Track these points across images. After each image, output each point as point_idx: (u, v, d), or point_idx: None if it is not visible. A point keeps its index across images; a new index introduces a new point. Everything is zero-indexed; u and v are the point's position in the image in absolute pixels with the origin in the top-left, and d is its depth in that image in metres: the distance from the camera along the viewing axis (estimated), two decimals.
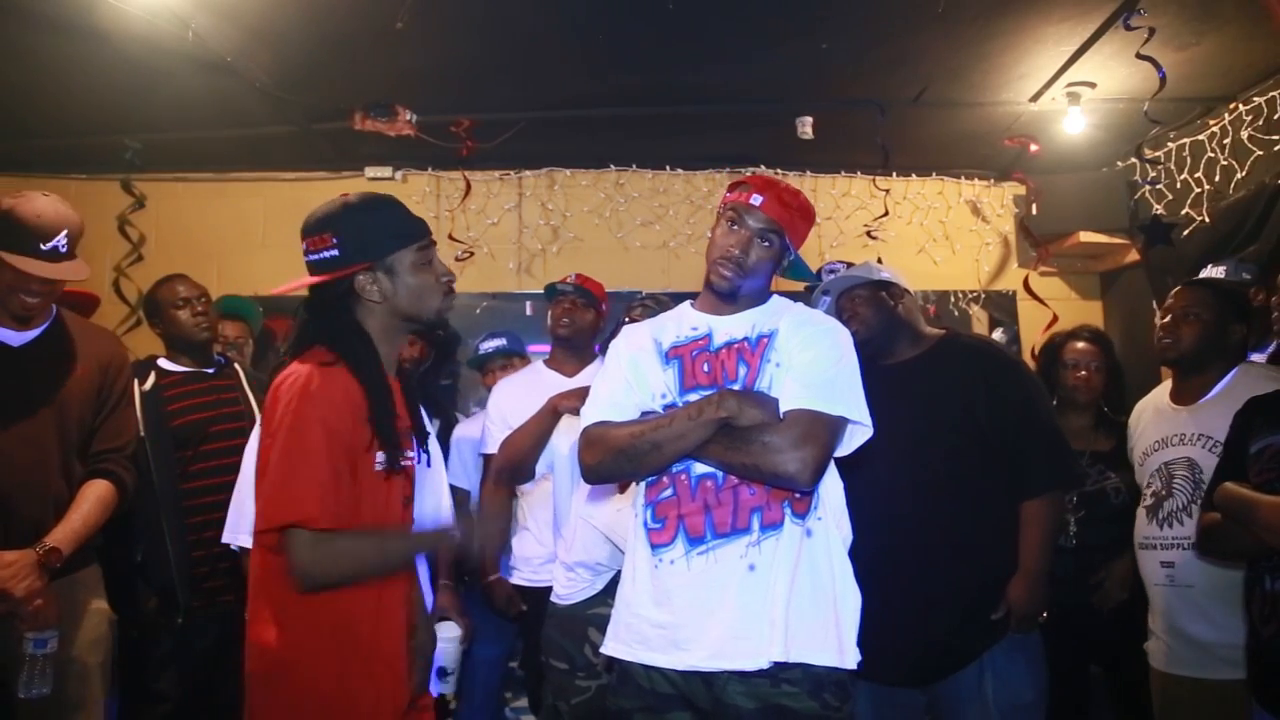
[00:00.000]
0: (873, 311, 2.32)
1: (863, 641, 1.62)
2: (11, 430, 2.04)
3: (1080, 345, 2.89)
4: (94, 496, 2.13)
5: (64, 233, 2.05)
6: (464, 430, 3.22)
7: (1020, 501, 2.20)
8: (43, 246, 2.02)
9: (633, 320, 2.41)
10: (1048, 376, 2.91)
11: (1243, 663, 1.88)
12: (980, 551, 2.17)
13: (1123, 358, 3.13)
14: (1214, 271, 2.74)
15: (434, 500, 1.87)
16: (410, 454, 1.69)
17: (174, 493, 2.57)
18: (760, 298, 1.77)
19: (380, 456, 1.57)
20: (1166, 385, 2.45)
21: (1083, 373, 2.85)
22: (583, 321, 2.86)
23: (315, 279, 1.63)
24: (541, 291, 4.28)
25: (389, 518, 1.62)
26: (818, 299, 2.43)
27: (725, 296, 1.73)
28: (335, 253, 1.61)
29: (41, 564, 1.99)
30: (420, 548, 1.71)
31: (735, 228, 1.70)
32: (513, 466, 2.66)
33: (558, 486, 2.54)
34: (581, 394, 2.56)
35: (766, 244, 1.71)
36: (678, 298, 1.90)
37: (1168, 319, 2.33)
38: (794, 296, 1.91)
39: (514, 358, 3.29)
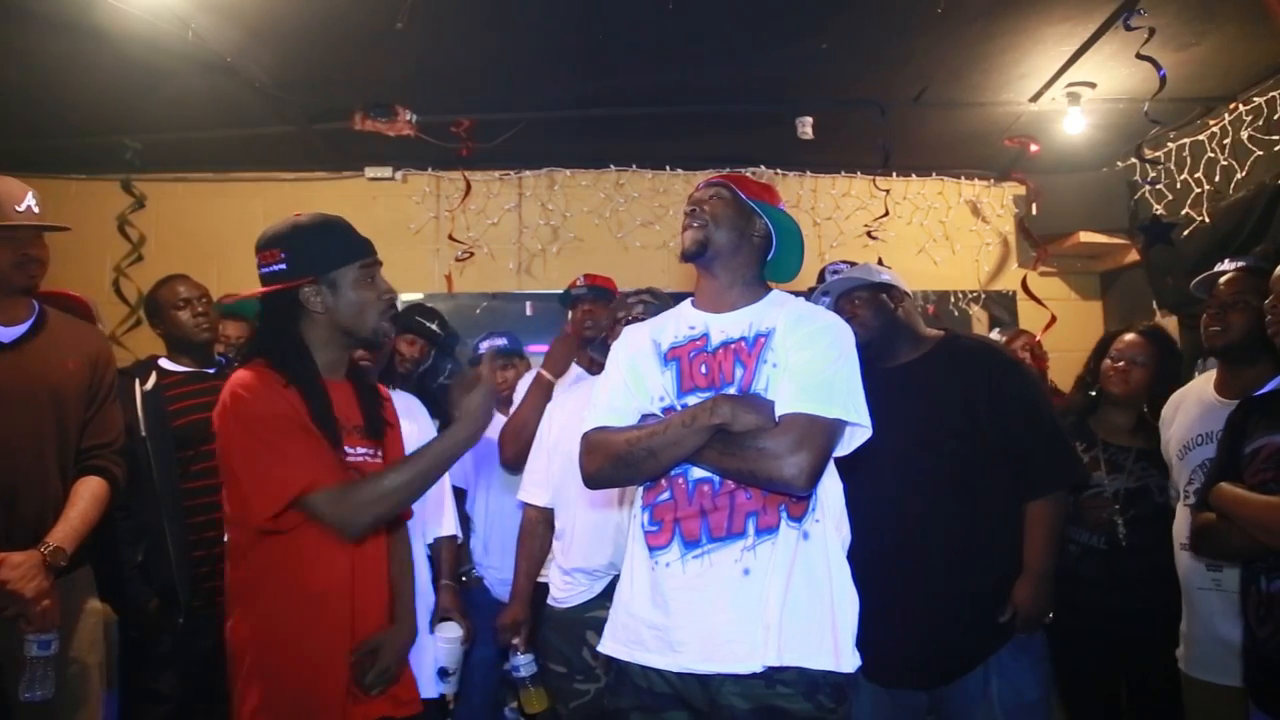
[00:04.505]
0: (873, 314, 2.31)
1: (869, 644, 1.62)
2: (13, 426, 2.03)
3: (1128, 338, 2.70)
4: (89, 494, 2.12)
5: (30, 194, 2.10)
6: None
7: (1024, 502, 2.20)
8: (19, 208, 2.06)
9: (634, 320, 2.41)
10: (1095, 368, 2.76)
11: None
12: (985, 553, 2.16)
13: None
14: (1227, 267, 2.63)
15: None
16: (359, 451, 1.77)
17: (175, 493, 2.57)
18: (756, 293, 1.76)
19: None
20: (1208, 376, 2.35)
21: (1120, 364, 2.65)
22: (605, 320, 2.87)
23: (265, 289, 1.74)
24: (541, 292, 4.33)
25: None
26: (818, 300, 2.43)
27: (696, 255, 1.73)
28: (283, 266, 1.73)
29: (47, 564, 1.98)
30: (452, 451, 1.70)
31: (688, 204, 1.79)
32: (521, 445, 2.68)
33: (558, 491, 2.53)
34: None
35: (717, 197, 1.76)
36: (676, 297, 1.88)
37: (1215, 307, 2.23)
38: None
39: (513, 357, 3.29)
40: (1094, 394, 2.75)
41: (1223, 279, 2.25)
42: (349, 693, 1.69)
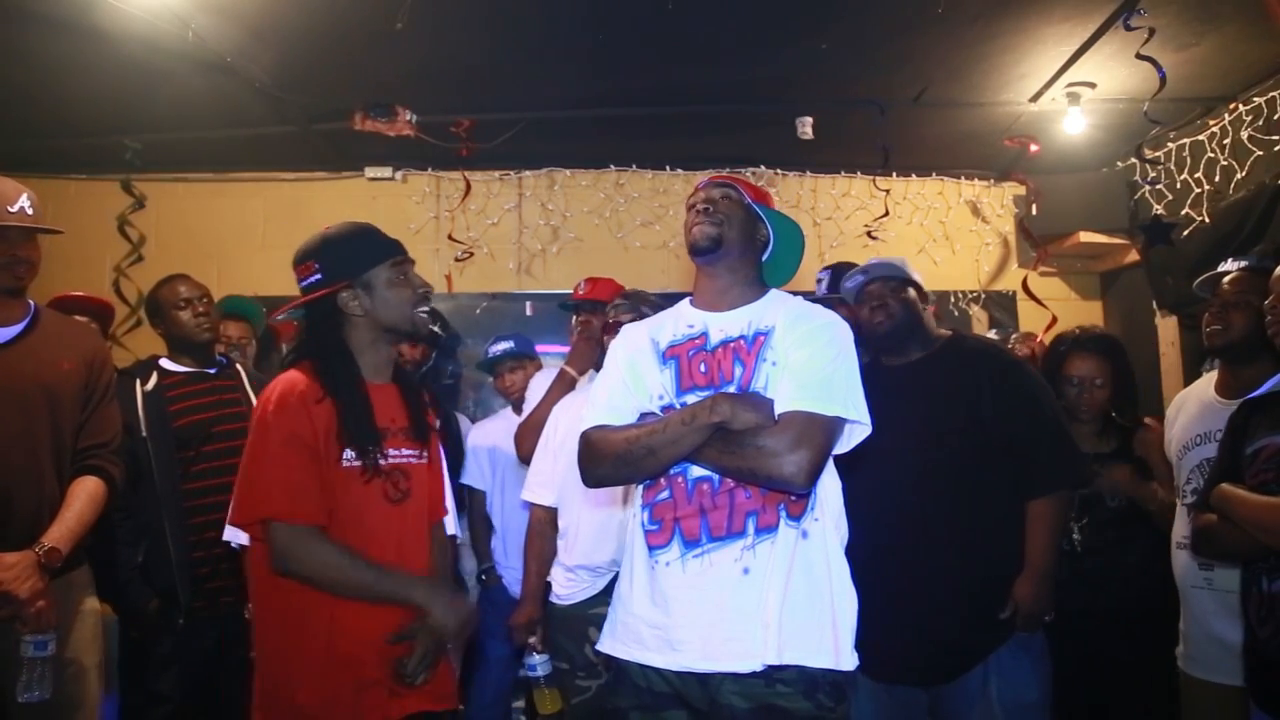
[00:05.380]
0: (901, 306, 2.32)
1: (869, 641, 1.62)
2: (6, 426, 2.03)
3: (1084, 365, 2.67)
4: (85, 494, 2.12)
5: (24, 195, 2.10)
6: (480, 431, 3.24)
7: (1026, 500, 2.21)
8: (11, 209, 2.06)
9: (617, 323, 2.43)
10: (1051, 381, 2.73)
11: None
12: (985, 550, 2.17)
13: None
14: (1230, 267, 2.63)
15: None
16: (404, 453, 1.82)
17: (176, 493, 2.57)
18: (755, 292, 1.76)
19: (349, 454, 1.71)
20: (1210, 377, 2.36)
21: (1085, 394, 2.67)
22: (598, 330, 2.89)
23: (305, 299, 1.83)
24: (541, 292, 4.33)
25: (367, 514, 1.74)
26: (852, 278, 2.42)
27: (709, 250, 1.72)
28: (319, 276, 1.80)
29: (42, 565, 1.98)
30: (406, 597, 1.71)
31: (693, 201, 1.79)
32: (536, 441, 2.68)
33: (562, 490, 2.53)
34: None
35: (726, 196, 1.76)
36: (676, 297, 1.88)
37: (1218, 306, 2.24)
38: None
39: (524, 359, 3.30)
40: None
41: (1226, 278, 2.26)
42: (386, 689, 1.70)
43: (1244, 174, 3.40)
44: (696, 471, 1.62)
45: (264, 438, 1.68)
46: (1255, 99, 3.35)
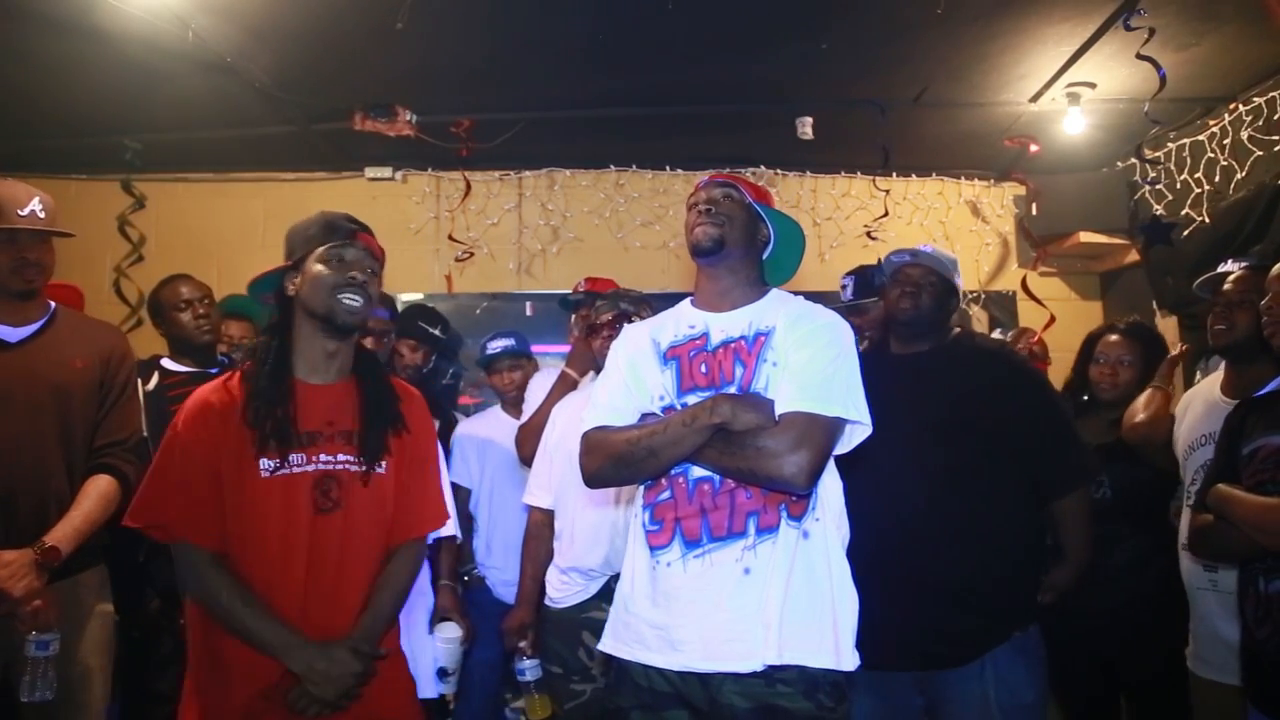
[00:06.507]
0: (931, 301, 2.29)
1: (868, 628, 1.63)
2: (12, 428, 2.04)
3: (1111, 339, 2.72)
4: (95, 493, 2.12)
5: (36, 199, 2.11)
6: (467, 428, 3.24)
7: (1050, 501, 2.24)
8: (21, 213, 2.07)
9: (601, 323, 2.44)
10: (1083, 370, 2.78)
11: None
12: (985, 548, 2.17)
13: None
14: (1231, 267, 2.63)
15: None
16: (341, 458, 1.68)
17: None
18: (757, 292, 1.76)
19: (266, 464, 1.63)
20: (1216, 377, 2.38)
21: (1107, 367, 2.69)
22: None
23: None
24: (541, 292, 4.33)
25: (290, 527, 1.63)
26: (900, 253, 2.40)
27: (712, 251, 1.71)
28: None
29: (39, 563, 1.98)
30: (281, 657, 1.57)
31: (694, 201, 1.78)
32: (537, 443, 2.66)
33: (558, 491, 2.53)
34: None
35: (728, 196, 1.76)
36: (676, 297, 1.88)
37: (1222, 305, 2.25)
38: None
39: (521, 358, 3.29)
40: (1085, 399, 2.76)
41: (1230, 278, 2.27)
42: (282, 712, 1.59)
43: (1244, 174, 3.40)
44: (697, 472, 1.62)
45: (170, 445, 1.68)
46: (1255, 99, 3.35)
